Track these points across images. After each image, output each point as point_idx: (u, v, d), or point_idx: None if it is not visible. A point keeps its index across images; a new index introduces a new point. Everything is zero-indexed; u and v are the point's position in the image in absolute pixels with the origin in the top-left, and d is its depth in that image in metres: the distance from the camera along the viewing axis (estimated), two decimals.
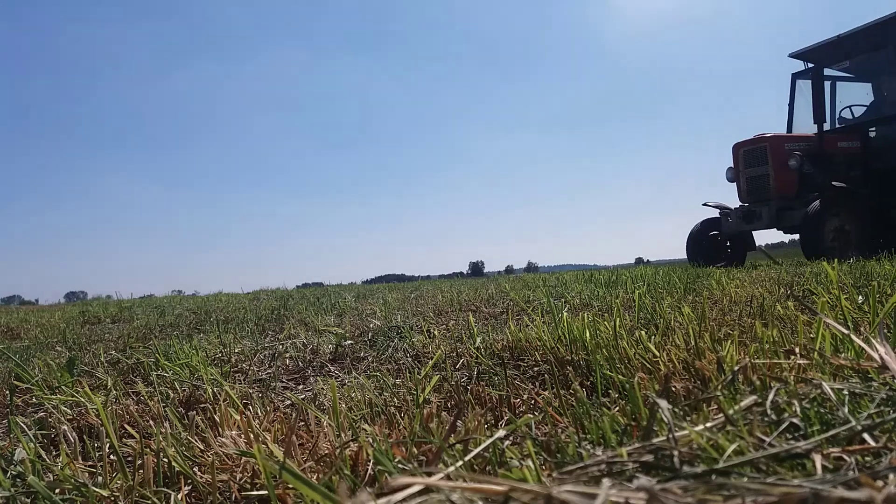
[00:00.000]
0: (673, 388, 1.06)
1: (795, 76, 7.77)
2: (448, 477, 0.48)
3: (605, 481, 0.45)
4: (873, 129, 7.34)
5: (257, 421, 1.08)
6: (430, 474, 0.48)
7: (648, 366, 1.23)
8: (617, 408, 1.02)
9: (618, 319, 1.51)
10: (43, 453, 0.95)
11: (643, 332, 1.47)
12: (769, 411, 0.66)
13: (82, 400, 1.26)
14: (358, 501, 0.35)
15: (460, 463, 0.61)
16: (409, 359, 1.73)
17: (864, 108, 7.59)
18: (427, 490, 0.44)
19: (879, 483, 0.40)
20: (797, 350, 1.06)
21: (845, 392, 0.68)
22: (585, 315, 1.78)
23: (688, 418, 0.77)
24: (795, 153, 6.78)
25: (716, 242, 7.46)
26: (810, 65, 7.41)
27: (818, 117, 6.89)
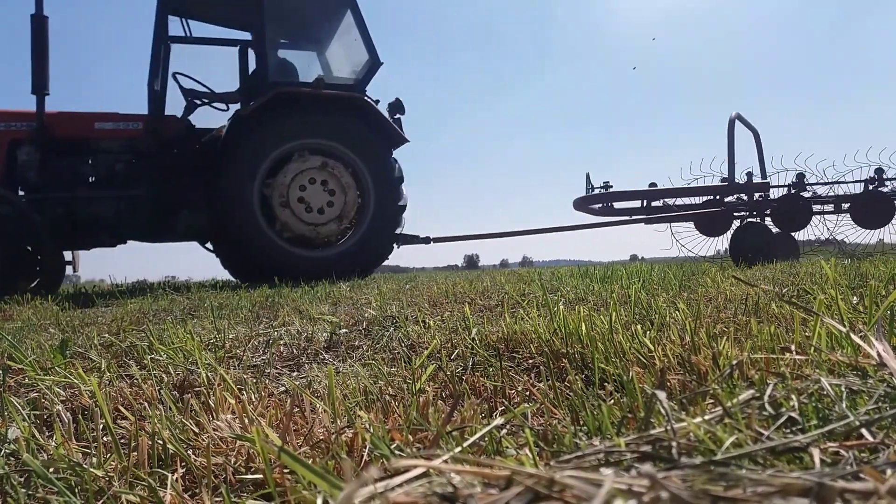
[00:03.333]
0: (669, 383, 1.06)
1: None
2: (451, 460, 0.48)
3: (607, 469, 0.45)
4: None
5: (252, 406, 1.08)
6: (429, 459, 0.48)
7: (644, 360, 1.24)
8: (613, 400, 1.02)
9: (614, 313, 1.51)
10: (36, 433, 0.95)
11: (639, 327, 1.47)
12: (767, 405, 0.66)
13: (76, 381, 1.25)
14: (361, 481, 0.34)
15: (458, 449, 0.61)
16: (405, 348, 1.73)
17: None
18: (426, 474, 0.44)
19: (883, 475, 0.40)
20: (793, 347, 1.07)
21: (843, 388, 0.68)
22: (581, 309, 1.79)
23: (685, 412, 0.77)
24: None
25: None
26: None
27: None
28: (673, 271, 3.81)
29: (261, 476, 0.78)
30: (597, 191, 7.94)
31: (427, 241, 7.00)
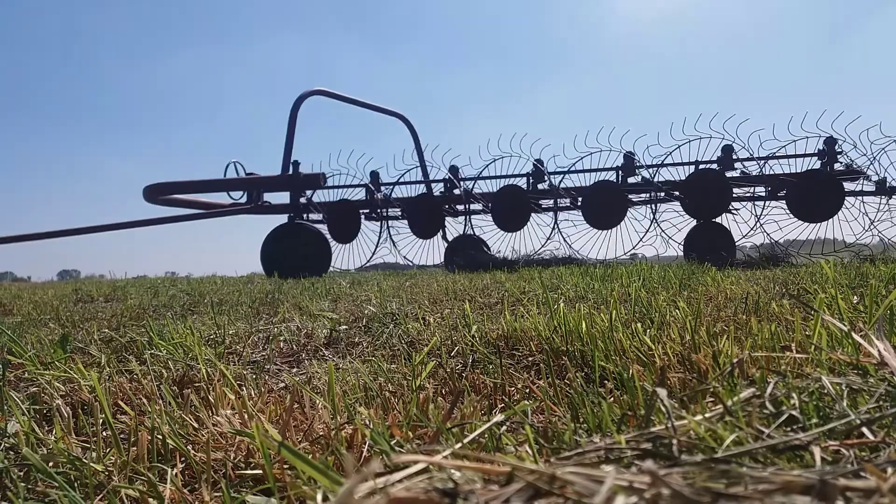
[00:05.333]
0: (669, 381, 1.06)
1: None
2: (451, 456, 0.47)
3: (607, 466, 0.45)
4: None
5: (252, 402, 1.08)
6: (429, 454, 0.48)
7: (644, 358, 1.23)
8: (613, 398, 1.02)
9: (614, 312, 1.51)
10: (36, 427, 0.95)
11: (639, 325, 1.47)
12: (768, 403, 0.66)
13: (75, 376, 1.25)
14: (361, 476, 0.34)
15: (459, 445, 0.61)
16: (404, 345, 1.73)
17: None
18: (427, 469, 0.44)
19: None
20: (793, 346, 1.06)
21: (844, 386, 0.68)
22: (581, 307, 1.78)
23: (685, 410, 0.77)
24: None
25: None
26: None
27: None
28: (673, 270, 3.81)
29: (260, 471, 0.78)
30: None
31: None
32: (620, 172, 7.07)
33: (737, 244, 6.53)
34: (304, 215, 7.60)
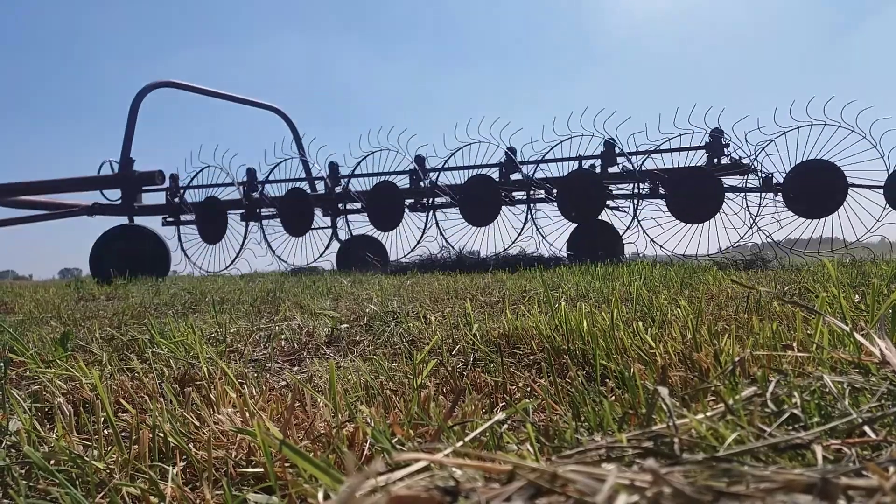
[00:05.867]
0: (670, 379, 1.06)
1: None
2: (452, 454, 0.47)
3: (609, 464, 0.45)
4: None
5: (253, 400, 1.08)
6: (431, 452, 0.48)
7: (645, 357, 1.23)
8: (614, 397, 1.02)
9: (615, 310, 1.51)
10: (37, 425, 0.95)
11: (640, 324, 1.47)
12: (769, 402, 0.66)
13: (77, 374, 1.26)
14: (364, 475, 0.34)
15: (460, 444, 0.61)
16: (406, 344, 1.73)
17: None
18: (428, 468, 0.44)
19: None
20: (794, 345, 1.06)
21: (845, 385, 0.68)
22: (582, 305, 1.78)
23: (686, 408, 0.77)
24: None
25: None
26: None
27: None
28: (674, 269, 3.81)
29: (262, 469, 0.78)
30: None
31: None
32: (503, 168, 6.81)
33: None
34: (177, 216, 7.52)
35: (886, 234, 6.14)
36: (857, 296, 1.75)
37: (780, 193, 6.09)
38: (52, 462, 0.79)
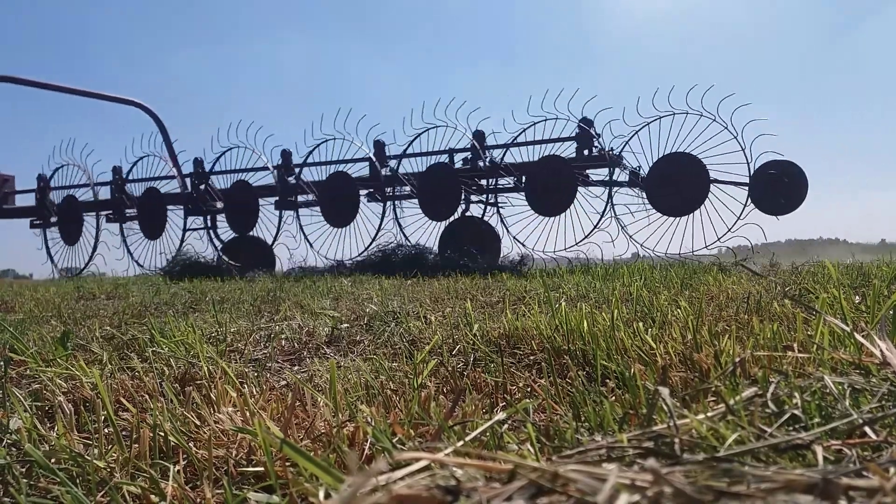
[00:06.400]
0: (671, 380, 1.06)
1: None
2: (453, 454, 0.47)
3: (609, 464, 0.45)
4: None
5: (253, 399, 1.08)
6: (432, 452, 0.48)
7: (645, 357, 1.23)
8: (614, 397, 1.02)
9: (616, 311, 1.51)
10: (38, 424, 0.95)
11: (640, 325, 1.47)
12: (770, 403, 0.66)
13: (77, 373, 1.26)
14: (367, 475, 0.34)
15: (461, 443, 0.61)
16: (406, 344, 1.73)
17: None
18: (429, 467, 0.44)
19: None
20: (795, 346, 1.06)
21: (846, 386, 0.68)
22: (583, 306, 1.78)
23: (687, 409, 0.77)
24: None
25: None
26: None
27: None
28: (675, 269, 3.81)
29: (262, 468, 0.78)
30: None
31: None
32: (374, 160, 6.59)
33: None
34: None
35: (750, 235, 5.70)
36: (857, 297, 1.75)
37: (644, 190, 5.77)
38: (52, 460, 0.79)
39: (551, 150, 6.19)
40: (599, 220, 6.00)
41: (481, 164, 6.28)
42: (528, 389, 1.17)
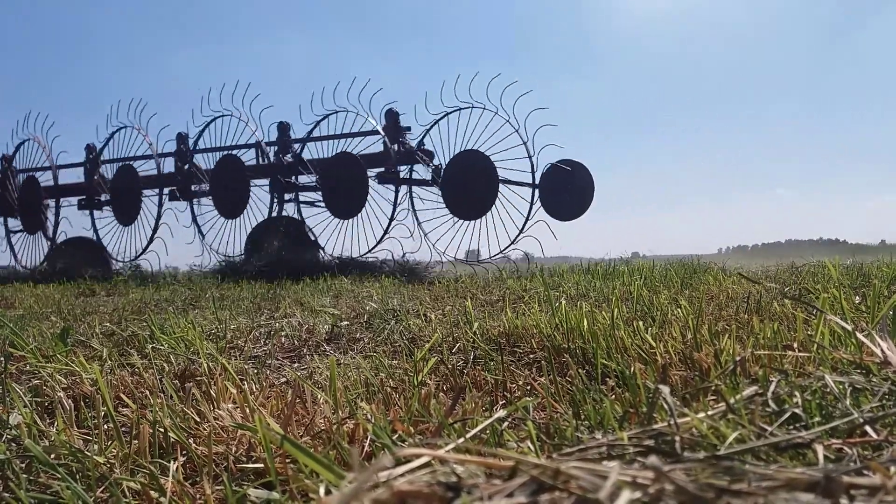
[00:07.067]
0: (671, 379, 1.06)
1: None
2: (454, 450, 0.47)
3: (610, 462, 0.45)
4: None
5: (253, 396, 1.08)
6: (432, 448, 0.48)
7: (646, 356, 1.23)
8: (614, 395, 1.02)
9: (616, 310, 1.51)
10: (38, 420, 0.95)
11: (640, 324, 1.47)
12: (770, 402, 0.66)
13: (77, 369, 1.26)
14: (371, 471, 0.34)
15: (461, 440, 0.61)
16: (406, 341, 1.73)
17: None
18: (429, 464, 0.44)
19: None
20: (795, 345, 1.06)
21: (847, 385, 0.68)
22: (583, 304, 1.78)
23: (687, 407, 0.77)
24: None
25: None
26: None
27: None
28: (675, 269, 3.81)
29: (262, 465, 0.78)
30: None
31: None
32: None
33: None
34: None
35: (539, 237, 5.31)
36: (857, 297, 1.75)
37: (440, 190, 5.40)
38: (52, 456, 0.79)
39: (358, 145, 5.81)
40: (389, 224, 5.63)
41: (287, 158, 5.95)
42: (528, 388, 1.17)
